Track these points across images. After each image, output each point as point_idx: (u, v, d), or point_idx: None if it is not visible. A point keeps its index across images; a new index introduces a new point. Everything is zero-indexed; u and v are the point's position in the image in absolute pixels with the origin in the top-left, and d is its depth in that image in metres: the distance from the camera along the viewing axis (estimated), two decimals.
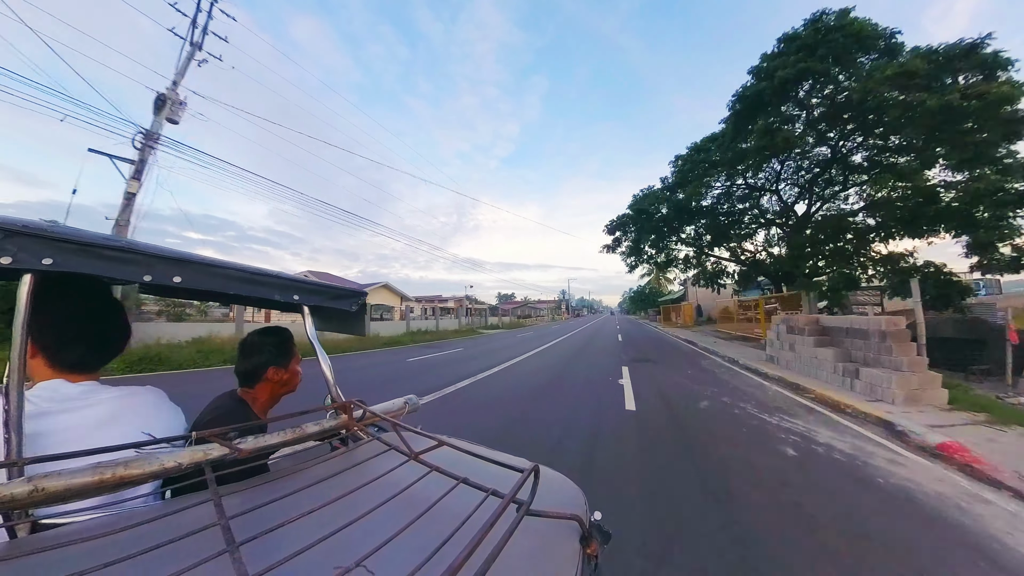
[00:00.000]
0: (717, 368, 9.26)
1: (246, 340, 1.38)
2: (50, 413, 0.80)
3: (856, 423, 4.78)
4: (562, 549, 0.64)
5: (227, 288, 0.93)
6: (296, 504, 0.60)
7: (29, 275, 0.67)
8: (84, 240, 0.70)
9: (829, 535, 2.32)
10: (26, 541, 0.62)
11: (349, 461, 0.80)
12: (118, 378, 6.93)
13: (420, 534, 0.54)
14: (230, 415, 1.20)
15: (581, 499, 0.81)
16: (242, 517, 0.55)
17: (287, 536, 0.52)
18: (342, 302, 1.25)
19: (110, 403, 0.87)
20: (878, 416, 4.76)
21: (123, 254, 0.74)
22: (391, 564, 0.48)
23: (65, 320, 0.87)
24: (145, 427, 0.88)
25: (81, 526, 0.66)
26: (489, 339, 20.74)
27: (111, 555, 0.45)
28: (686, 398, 5.97)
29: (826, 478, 3.16)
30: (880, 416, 4.73)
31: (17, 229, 0.63)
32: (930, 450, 3.78)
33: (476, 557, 0.43)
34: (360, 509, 0.57)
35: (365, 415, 0.99)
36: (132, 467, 0.64)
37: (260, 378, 1.33)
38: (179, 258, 0.82)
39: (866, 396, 5.70)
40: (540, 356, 11.92)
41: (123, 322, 0.99)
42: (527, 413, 5.09)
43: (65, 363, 0.87)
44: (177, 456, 0.69)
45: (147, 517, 0.57)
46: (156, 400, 0.98)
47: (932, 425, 4.31)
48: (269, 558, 0.44)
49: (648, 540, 2.24)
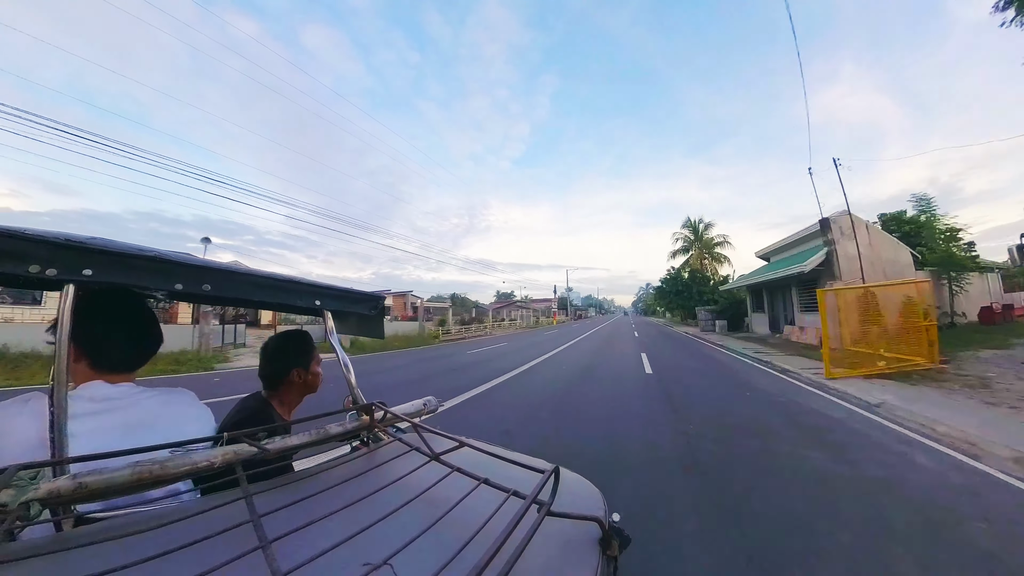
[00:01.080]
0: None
1: (268, 344, 1.43)
2: (92, 413, 0.84)
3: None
4: (582, 550, 0.64)
5: (253, 295, 0.96)
6: (321, 503, 0.62)
7: (71, 285, 0.71)
8: (120, 251, 0.73)
9: None
10: (71, 534, 0.65)
11: (371, 462, 0.82)
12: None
13: (443, 534, 0.55)
14: (256, 416, 1.23)
15: (600, 501, 0.80)
16: (272, 515, 0.56)
17: (314, 534, 0.54)
18: (361, 306, 1.28)
19: (146, 404, 0.91)
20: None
21: (156, 264, 0.78)
22: (416, 563, 0.49)
23: (103, 326, 0.91)
24: (178, 427, 0.91)
25: (120, 521, 0.69)
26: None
27: (150, 549, 0.47)
28: None
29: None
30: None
31: (60, 242, 0.67)
32: None
33: (498, 557, 0.43)
34: (384, 509, 0.59)
35: (386, 416, 1.01)
36: (168, 466, 0.66)
37: (283, 380, 1.37)
38: (207, 267, 0.86)
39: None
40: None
41: (156, 326, 1.04)
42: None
43: (104, 366, 0.92)
44: (209, 455, 0.71)
45: (183, 514, 0.60)
46: (188, 401, 1.02)
47: None
48: (299, 555, 0.46)
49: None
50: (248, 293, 0.95)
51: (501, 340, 21.75)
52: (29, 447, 0.75)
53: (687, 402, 5.85)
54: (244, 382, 8.19)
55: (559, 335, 24.09)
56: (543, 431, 4.52)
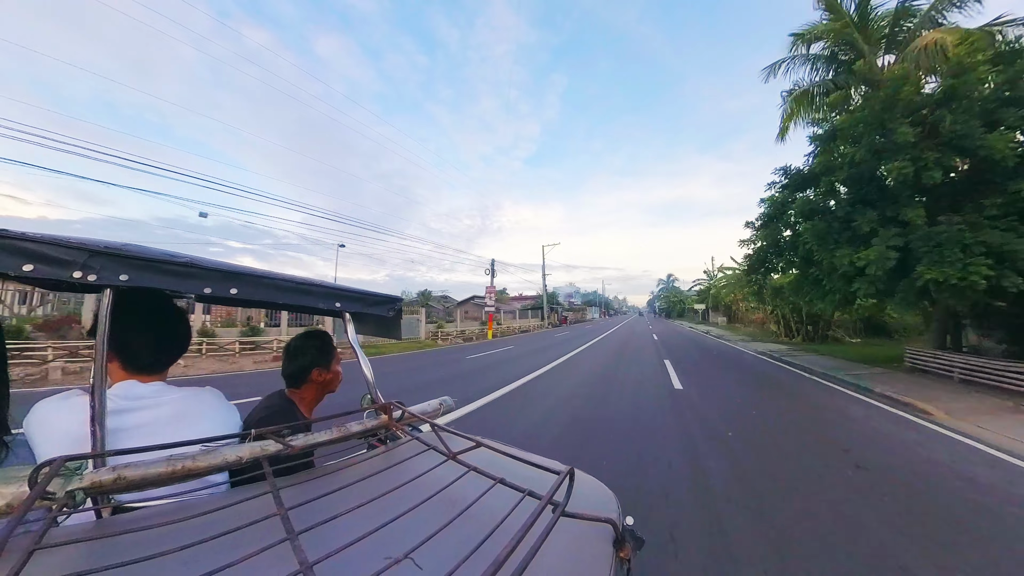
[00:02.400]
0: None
1: (290, 344, 1.48)
2: (126, 410, 0.88)
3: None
4: (595, 551, 0.65)
5: (277, 298, 1.00)
6: (343, 498, 0.64)
7: (109, 289, 0.76)
8: (153, 258, 0.78)
9: None
10: (110, 522, 0.69)
11: (390, 460, 0.84)
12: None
13: (460, 531, 0.56)
14: (280, 413, 1.28)
15: (614, 503, 0.81)
16: (297, 508, 0.59)
17: (337, 527, 0.56)
18: (379, 308, 1.31)
19: (177, 402, 0.96)
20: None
21: (186, 269, 0.83)
22: (435, 558, 0.50)
23: (137, 328, 0.96)
24: (207, 423, 0.96)
25: (155, 510, 0.72)
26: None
27: (183, 538, 0.49)
28: None
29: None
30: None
31: (100, 250, 0.72)
32: None
33: (514, 555, 0.44)
34: (403, 505, 0.60)
35: (404, 415, 1.03)
36: (199, 460, 0.70)
37: (305, 379, 1.42)
38: (235, 272, 0.90)
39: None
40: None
41: (185, 328, 1.08)
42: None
43: (137, 366, 0.97)
44: (238, 451, 0.75)
45: (214, 505, 0.63)
46: (215, 399, 1.06)
47: None
48: (322, 547, 0.47)
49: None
50: (272, 296, 0.99)
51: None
52: (70, 440, 0.80)
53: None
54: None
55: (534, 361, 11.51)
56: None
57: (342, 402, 1.36)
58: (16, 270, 0.67)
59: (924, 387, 7.82)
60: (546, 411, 5.80)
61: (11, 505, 0.54)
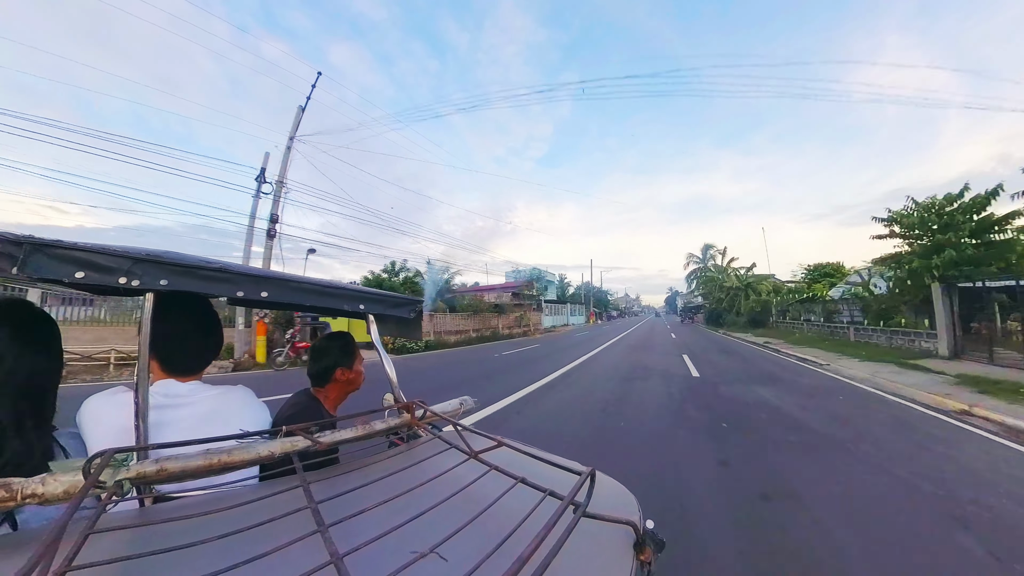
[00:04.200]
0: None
1: (316, 345, 1.54)
2: (166, 407, 0.94)
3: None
4: (616, 554, 0.64)
5: (304, 300, 1.05)
6: (368, 493, 0.65)
7: (151, 294, 0.81)
8: (189, 264, 0.84)
9: None
10: (152, 510, 0.73)
11: (413, 457, 0.86)
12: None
13: (482, 529, 0.57)
14: (306, 411, 1.33)
15: (635, 506, 0.80)
16: (325, 503, 0.61)
17: (363, 522, 0.57)
18: (401, 310, 1.35)
19: (212, 400, 1.01)
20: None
21: (220, 274, 0.88)
22: (458, 554, 0.51)
23: (175, 331, 1.02)
24: (239, 420, 1.00)
25: (192, 501, 0.77)
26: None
27: (219, 527, 0.52)
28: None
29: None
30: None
31: (142, 257, 0.78)
32: None
33: (536, 556, 0.44)
34: (426, 502, 0.61)
35: (426, 414, 1.05)
36: (234, 454, 0.73)
37: (329, 378, 1.47)
38: (265, 276, 0.96)
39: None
40: None
41: (219, 331, 1.14)
42: None
43: (175, 366, 1.02)
44: (270, 446, 0.78)
45: (248, 497, 0.66)
46: (246, 397, 1.11)
47: None
48: (349, 540, 0.49)
49: None
50: (300, 298, 1.04)
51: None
52: (117, 433, 0.86)
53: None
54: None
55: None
56: None
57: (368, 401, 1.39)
58: (70, 277, 0.73)
59: None
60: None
61: (68, 492, 0.58)
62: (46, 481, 0.59)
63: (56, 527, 0.43)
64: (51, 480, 0.59)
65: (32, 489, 0.57)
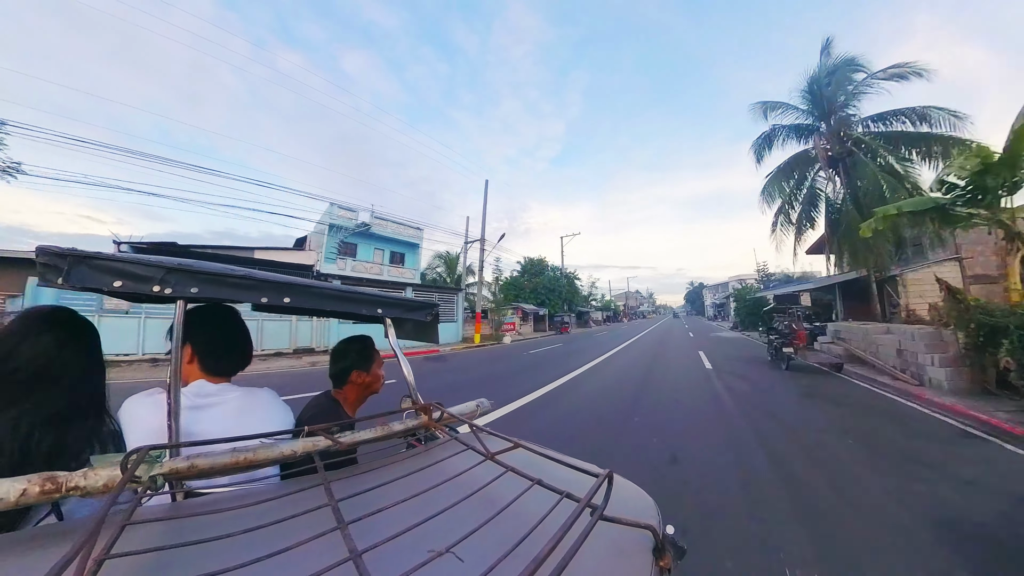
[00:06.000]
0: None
1: (335, 348, 1.58)
2: (197, 407, 0.99)
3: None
4: (634, 558, 0.63)
5: (324, 305, 1.10)
6: (387, 493, 0.67)
7: (182, 301, 0.86)
8: (216, 272, 0.89)
9: None
10: (183, 505, 0.77)
11: (430, 458, 0.87)
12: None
13: (498, 530, 0.57)
14: (326, 413, 1.36)
15: (654, 510, 0.79)
16: (345, 501, 0.62)
17: (380, 521, 0.59)
18: (417, 313, 1.37)
19: (238, 400, 1.06)
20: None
21: (246, 281, 0.93)
22: (474, 554, 0.52)
23: (211, 336, 1.08)
24: (264, 420, 1.05)
25: (220, 497, 0.80)
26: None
27: (244, 522, 0.54)
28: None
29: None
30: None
31: (174, 267, 0.83)
32: None
33: (552, 558, 0.44)
34: (443, 502, 0.62)
35: (443, 416, 1.06)
36: (259, 453, 0.76)
37: (346, 380, 1.50)
38: (287, 283, 1.01)
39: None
40: None
41: (247, 337, 1.19)
42: None
43: (207, 368, 1.08)
44: (293, 446, 0.81)
45: (271, 494, 0.68)
46: (271, 398, 1.15)
47: None
48: (367, 538, 0.50)
49: None
50: (320, 304, 1.08)
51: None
52: (151, 430, 0.90)
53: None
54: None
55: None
56: None
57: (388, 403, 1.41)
58: (108, 286, 0.79)
59: None
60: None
61: (107, 486, 0.62)
62: (87, 475, 0.62)
63: (96, 518, 0.45)
64: (91, 474, 0.62)
65: (75, 482, 0.61)
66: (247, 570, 0.46)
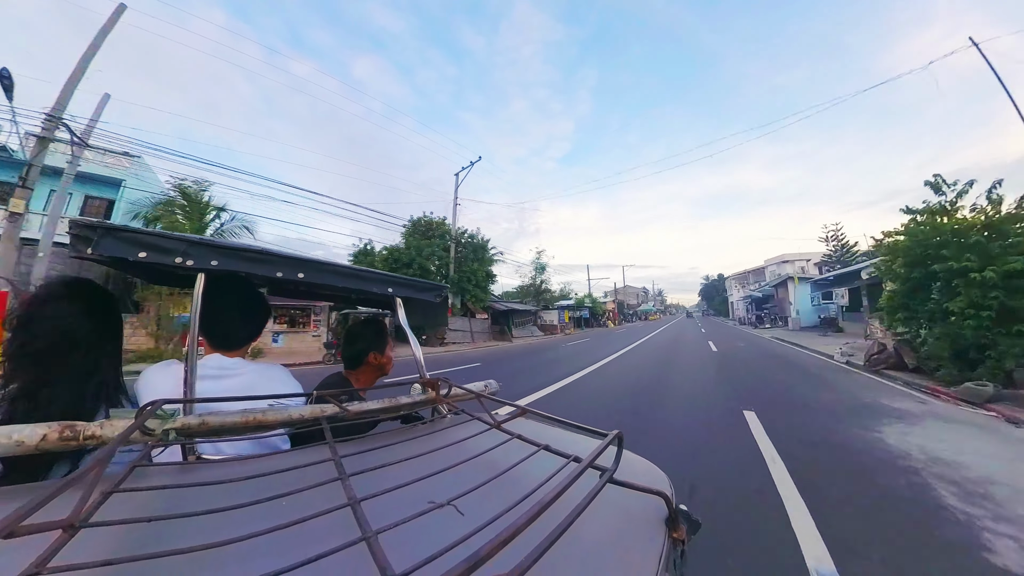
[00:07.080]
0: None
1: (350, 330, 1.60)
2: (212, 377, 1.01)
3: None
4: (647, 527, 0.62)
5: (337, 282, 1.12)
6: (391, 455, 0.67)
7: (202, 274, 0.89)
8: (235, 247, 0.93)
9: None
10: (193, 466, 0.78)
11: (437, 427, 0.87)
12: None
13: (503, 491, 0.56)
14: (338, 387, 1.38)
15: (667, 482, 0.77)
16: (350, 458, 0.62)
17: (386, 480, 0.58)
18: (427, 294, 1.37)
19: (252, 374, 1.09)
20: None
21: (263, 256, 0.96)
22: (475, 511, 0.51)
23: (225, 310, 1.11)
24: (275, 391, 1.06)
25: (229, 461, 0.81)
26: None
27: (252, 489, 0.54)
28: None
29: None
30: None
31: (195, 241, 0.87)
32: None
33: (556, 515, 0.43)
34: (449, 471, 0.62)
35: (450, 391, 1.06)
36: (268, 415, 0.77)
37: (362, 362, 1.52)
38: (302, 259, 1.05)
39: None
40: None
41: (264, 309, 1.21)
42: None
43: (222, 342, 1.11)
44: (301, 410, 0.81)
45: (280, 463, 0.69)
46: (283, 373, 1.18)
47: None
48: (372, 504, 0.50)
49: None
50: (333, 280, 1.10)
51: None
52: (167, 396, 0.93)
53: None
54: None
55: None
56: None
57: None
58: (134, 256, 0.81)
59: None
60: None
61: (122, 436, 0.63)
62: (104, 425, 0.64)
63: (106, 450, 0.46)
64: (108, 424, 0.64)
65: (92, 431, 0.63)
66: (251, 513, 0.46)
